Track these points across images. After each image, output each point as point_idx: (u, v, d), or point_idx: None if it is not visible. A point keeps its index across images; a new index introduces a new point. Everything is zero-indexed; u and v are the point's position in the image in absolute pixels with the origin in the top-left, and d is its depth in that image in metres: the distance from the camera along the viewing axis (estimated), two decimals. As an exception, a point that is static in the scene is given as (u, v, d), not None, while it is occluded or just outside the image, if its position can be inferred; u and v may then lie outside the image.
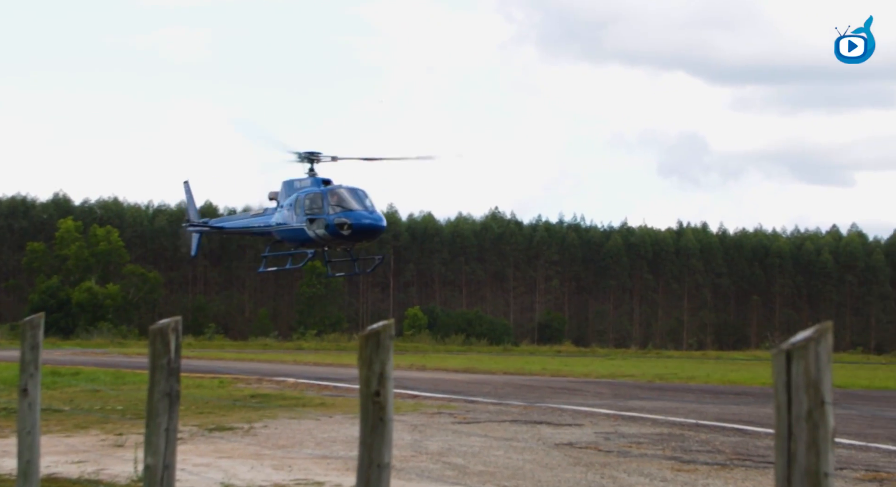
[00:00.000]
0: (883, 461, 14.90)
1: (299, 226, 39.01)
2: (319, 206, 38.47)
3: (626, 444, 16.05)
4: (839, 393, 32.67)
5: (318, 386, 28.29)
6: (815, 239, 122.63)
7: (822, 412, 4.02)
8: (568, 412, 21.49)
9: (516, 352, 79.88)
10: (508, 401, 24.11)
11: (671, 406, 23.76)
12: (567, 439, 16.58)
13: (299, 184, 40.00)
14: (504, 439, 16.29)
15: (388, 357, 5.79)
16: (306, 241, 39.35)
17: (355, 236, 38.41)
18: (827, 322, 4.37)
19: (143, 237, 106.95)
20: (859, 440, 17.35)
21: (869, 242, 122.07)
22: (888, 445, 16.87)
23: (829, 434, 4.04)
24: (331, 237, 38.41)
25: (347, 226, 37.73)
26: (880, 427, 20.23)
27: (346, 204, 38.23)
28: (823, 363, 4.13)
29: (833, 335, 4.31)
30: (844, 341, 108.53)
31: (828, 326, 4.31)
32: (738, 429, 18.68)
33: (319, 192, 38.79)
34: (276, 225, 40.37)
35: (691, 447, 15.86)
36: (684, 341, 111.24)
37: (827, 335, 4.24)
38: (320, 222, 38.24)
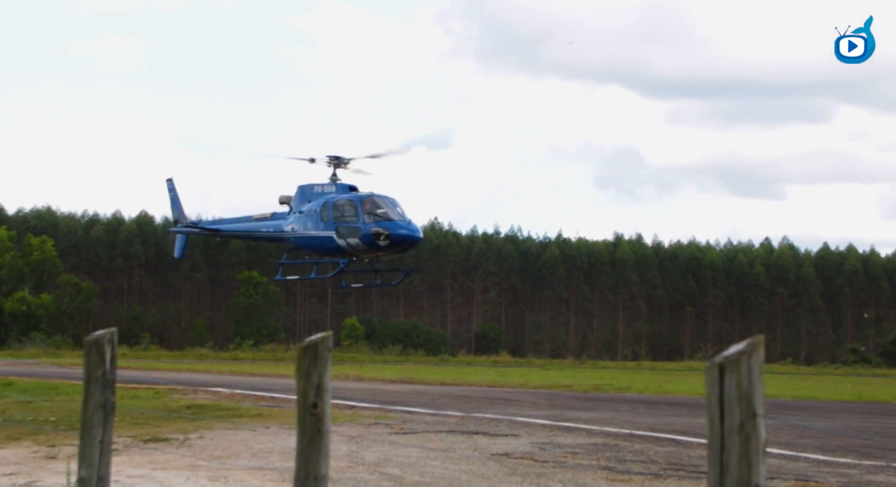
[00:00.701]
0: (812, 470, 15.14)
1: (326, 234, 37.10)
2: (353, 214, 36.63)
3: (561, 454, 16.15)
4: (770, 404, 33.13)
5: (254, 397, 28.11)
6: (748, 251, 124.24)
7: (753, 424, 4.10)
8: (504, 422, 21.56)
9: (453, 363, 79.94)
10: (445, 412, 24.13)
11: (606, 417, 23.94)
12: (503, 449, 16.65)
13: (321, 189, 38.04)
14: (441, 449, 16.32)
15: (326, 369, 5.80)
16: (334, 250, 37.46)
17: (391, 247, 36.76)
18: (758, 336, 4.46)
19: (77, 247, 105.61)
20: (790, 450, 17.62)
21: (799, 254, 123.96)
22: (817, 455, 17.14)
23: (760, 446, 4.12)
24: (365, 247, 36.70)
25: (385, 236, 36.15)
26: (810, 437, 20.55)
27: (383, 213, 36.54)
28: (755, 376, 4.21)
29: (764, 347, 4.40)
30: (775, 352, 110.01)
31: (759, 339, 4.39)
32: (672, 439, 18.87)
33: (352, 199, 36.92)
34: (292, 231, 38.39)
35: (625, 457, 16.00)
36: (619, 351, 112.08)
37: (758, 349, 4.32)
38: (354, 230, 36.49)
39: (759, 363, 4.31)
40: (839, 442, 19.71)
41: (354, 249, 36.96)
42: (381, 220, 36.28)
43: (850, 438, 20.96)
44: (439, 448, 16.56)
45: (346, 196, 37.28)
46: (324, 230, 37.22)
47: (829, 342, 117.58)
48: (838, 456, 16.93)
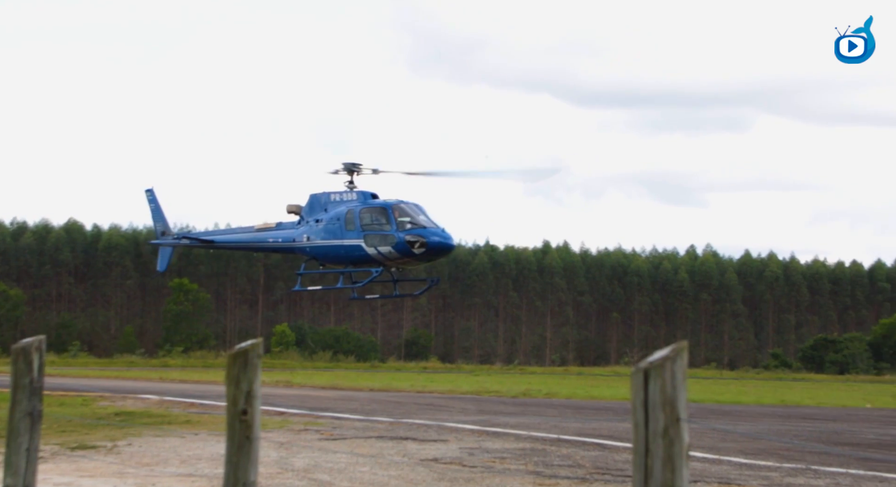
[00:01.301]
0: (734, 473, 15.42)
1: (354, 242, 35.63)
2: (385, 221, 35.32)
3: (489, 459, 16.25)
4: (694, 408, 33.61)
5: (183, 404, 27.88)
6: (673, 259, 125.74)
7: (677, 428, 4.21)
8: (433, 427, 21.63)
9: (383, 369, 79.87)
10: (375, 417, 24.15)
11: (534, 422, 24.12)
12: (432, 454, 16.72)
13: (339, 197, 36.82)
14: (370, 455, 16.34)
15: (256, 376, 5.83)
16: (362, 259, 35.93)
17: (426, 256, 35.35)
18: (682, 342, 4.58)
19: (5, 254, 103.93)
20: (713, 453, 17.91)
21: (722, 261, 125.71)
22: (739, 458, 17.45)
23: (683, 450, 4.23)
24: (398, 256, 35.21)
25: (420, 244, 34.70)
26: (732, 440, 20.91)
27: (415, 220, 35.27)
28: (679, 382, 4.32)
29: (688, 353, 4.51)
30: (699, 357, 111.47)
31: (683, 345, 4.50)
32: (599, 444, 19.09)
33: (383, 206, 35.65)
34: (308, 240, 36.82)
35: (553, 461, 16.16)
36: (547, 357, 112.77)
37: (682, 354, 4.43)
38: (386, 238, 35.07)
39: (683, 368, 4.41)
40: (760, 446, 20.07)
41: (386, 257, 35.48)
42: (415, 227, 35.05)
43: (771, 441, 21.36)
44: (369, 453, 16.58)
45: (374, 203, 36.02)
46: (350, 239, 35.82)
47: (751, 348, 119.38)
48: (759, 460, 17.25)
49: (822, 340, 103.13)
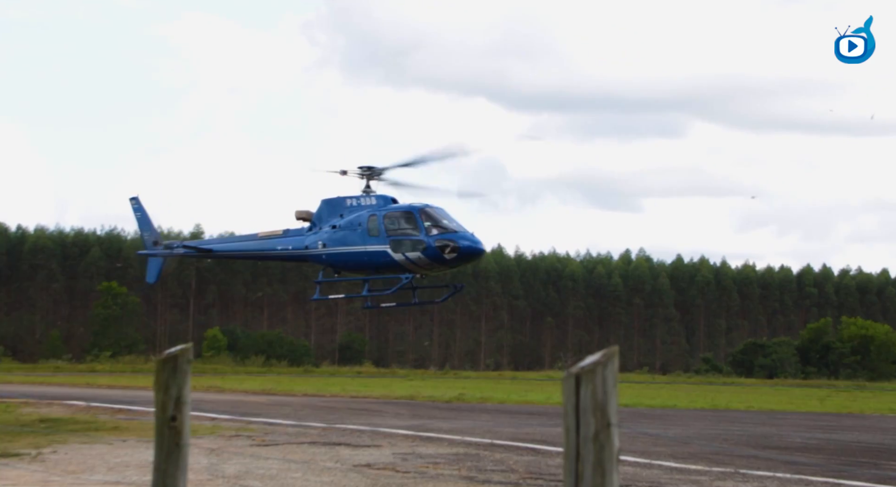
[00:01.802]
0: (665, 478, 15.55)
1: (379, 249, 34.24)
2: (412, 226, 34.01)
3: (423, 465, 16.23)
4: (626, 412, 33.89)
5: (111, 410, 27.50)
6: (606, 263, 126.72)
7: (608, 434, 4.21)
8: (367, 433, 21.56)
9: (317, 373, 79.51)
10: (308, 423, 24.01)
11: (468, 427, 24.14)
12: (365, 460, 16.65)
13: (356, 202, 35.50)
14: (303, 461, 16.23)
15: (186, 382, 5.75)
16: (387, 266, 34.62)
17: (457, 261, 34.12)
18: (613, 347, 4.59)
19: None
20: (644, 457, 18.05)
21: (655, 266, 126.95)
22: (670, 462, 17.60)
23: (614, 455, 4.24)
24: (428, 262, 33.93)
25: (451, 249, 33.47)
26: (663, 445, 21.08)
27: (444, 224, 34.08)
28: (610, 387, 4.33)
29: (621, 357, 4.52)
30: (632, 361, 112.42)
31: (614, 350, 4.51)
32: (532, 449, 19.15)
33: (409, 210, 34.42)
34: (324, 247, 35.32)
35: (486, 466, 16.17)
36: (482, 361, 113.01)
37: (613, 359, 4.44)
38: (415, 244, 33.78)
39: (614, 373, 4.42)
40: (691, 450, 20.27)
41: (414, 263, 34.15)
42: (445, 232, 33.83)
43: (702, 445, 21.58)
44: (301, 459, 16.47)
45: (398, 207, 34.75)
46: (374, 245, 34.37)
47: (682, 352, 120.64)
48: (690, 464, 17.41)
49: (751, 344, 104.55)
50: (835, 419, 35.90)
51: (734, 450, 20.67)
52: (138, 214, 40.11)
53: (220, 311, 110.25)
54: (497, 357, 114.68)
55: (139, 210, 40.07)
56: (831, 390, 71.61)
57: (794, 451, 21.32)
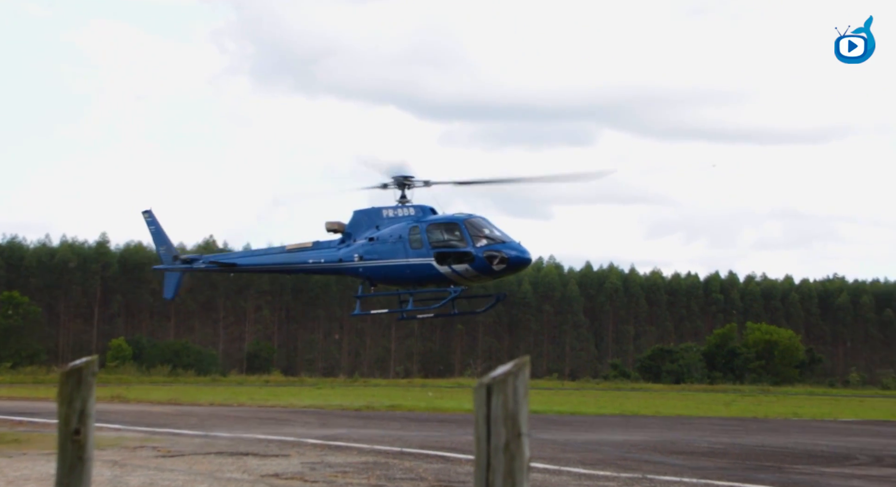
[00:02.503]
0: (574, 484, 15.65)
1: (423, 261, 33.14)
2: (458, 237, 33.01)
3: (331, 474, 16.12)
4: (536, 419, 34.09)
5: (11, 422, 26.86)
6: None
7: (518, 443, 4.21)
8: (275, 442, 21.36)
9: (224, 383, 78.66)
10: (214, 433, 23.71)
11: (377, 435, 24.06)
12: (273, 470, 16.48)
13: (394, 213, 34.57)
14: (209, 472, 16.01)
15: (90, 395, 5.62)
16: (432, 278, 33.62)
17: (505, 271, 33.42)
18: (524, 357, 4.58)
19: None
20: (553, 464, 18.16)
21: (564, 273, 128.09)
22: (579, 468, 17.73)
23: (524, 465, 4.24)
24: (475, 273, 33.07)
25: (500, 259, 32.52)
26: (572, 451, 21.24)
27: (490, 234, 33.16)
28: (521, 397, 4.32)
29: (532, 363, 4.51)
30: (541, 368, 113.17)
31: (525, 360, 4.51)
32: (441, 456, 19.14)
33: (454, 221, 33.44)
34: (361, 260, 34.10)
35: (395, 475, 16.12)
36: (391, 369, 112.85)
37: (524, 369, 4.44)
38: (462, 256, 32.79)
39: (525, 383, 4.42)
40: (600, 456, 20.45)
41: (461, 275, 33.27)
42: (492, 242, 32.90)
43: (610, 451, 21.78)
44: (207, 470, 16.24)
45: (441, 219, 33.84)
46: (418, 257, 33.26)
47: (591, 358, 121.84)
48: (598, 470, 17.56)
49: (658, 350, 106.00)
50: (740, 423, 36.54)
51: (642, 456, 20.90)
52: (152, 227, 38.44)
53: (126, 320, 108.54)
54: (407, 365, 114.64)
55: (153, 224, 38.39)
56: (737, 394, 72.89)
57: (700, 456, 21.63)
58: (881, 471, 19.45)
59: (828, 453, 23.27)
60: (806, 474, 18.53)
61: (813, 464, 20.34)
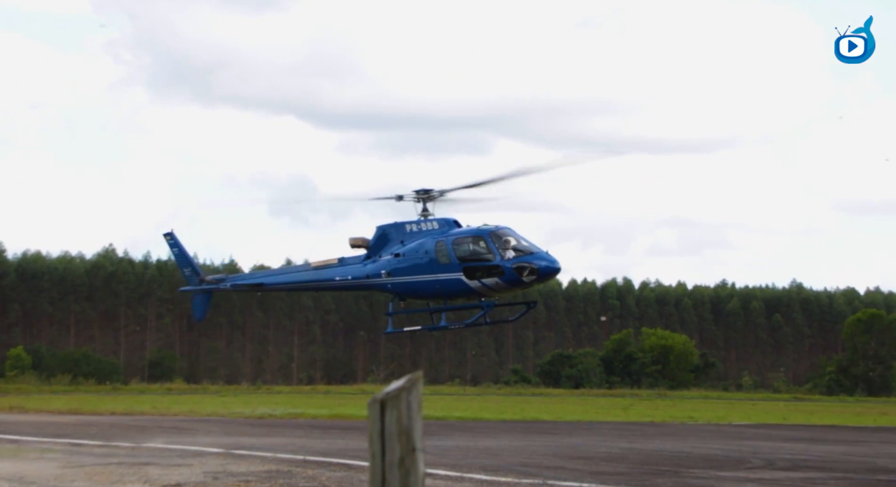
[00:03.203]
0: (476, 490, 15.90)
1: (452, 276, 32.85)
2: (486, 250, 32.73)
3: (234, 482, 16.14)
4: (437, 425, 34.32)
5: None
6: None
7: (413, 458, 4.39)
8: (176, 452, 21.25)
9: (125, 391, 77.49)
10: (115, 443, 23.48)
11: (280, 443, 24.05)
12: (175, 479, 16.44)
13: (417, 227, 34.11)
14: (109, 483, 15.92)
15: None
16: (462, 292, 33.39)
17: (535, 282, 33.06)
18: (417, 372, 4.78)
19: None
20: (455, 471, 18.38)
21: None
22: (481, 475, 17.98)
23: (419, 479, 4.42)
24: (505, 286, 32.83)
25: (529, 271, 32.21)
26: (474, 457, 21.50)
27: (517, 246, 32.87)
28: (414, 412, 4.51)
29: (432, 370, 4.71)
30: (443, 374, 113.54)
31: (418, 376, 4.71)
32: (344, 464, 19.25)
33: (479, 234, 33.09)
34: (389, 276, 33.76)
35: (298, 483, 16.20)
36: (295, 376, 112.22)
37: (417, 385, 4.63)
38: (492, 269, 32.46)
39: (418, 398, 4.60)
40: (501, 462, 20.74)
41: (491, 289, 33.01)
42: (521, 254, 32.63)
43: (511, 457, 22.09)
44: (108, 481, 16.15)
45: (466, 232, 33.48)
46: (446, 273, 33.01)
47: (492, 364, 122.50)
48: (499, 476, 17.83)
49: (558, 356, 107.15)
50: (638, 428, 37.21)
51: (542, 461, 21.25)
52: (175, 250, 37.71)
53: (24, 329, 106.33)
54: (310, 372, 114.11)
55: (175, 246, 37.61)
56: (634, 399, 74.04)
57: (599, 461, 22.05)
58: (773, 474, 20.06)
59: (722, 457, 23.89)
60: (702, 478, 19.03)
61: (708, 468, 20.87)
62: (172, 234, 37.60)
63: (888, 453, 26.98)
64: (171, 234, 37.65)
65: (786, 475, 20.03)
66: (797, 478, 19.40)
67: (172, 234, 37.60)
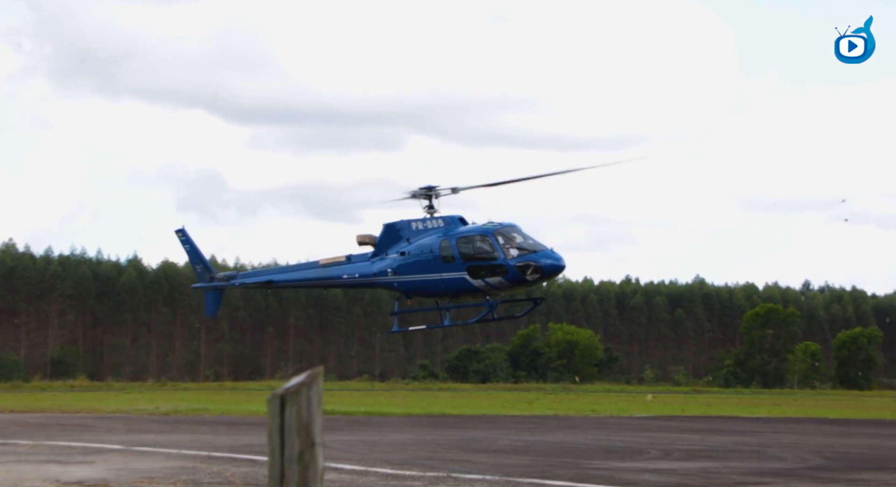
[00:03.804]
0: (381, 484, 16.04)
1: (456, 275, 32.68)
2: (489, 249, 32.55)
3: (137, 480, 16.06)
4: (344, 420, 34.40)
5: None
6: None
7: (312, 453, 4.50)
8: (78, 449, 21.04)
9: (27, 389, 76.04)
10: (15, 440, 23.16)
11: (185, 439, 23.93)
12: (76, 477, 16.31)
13: (422, 225, 33.83)
14: (9, 481, 15.74)
15: None
16: (466, 291, 33.28)
17: (539, 280, 33.08)
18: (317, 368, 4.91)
19: None
20: (361, 465, 18.52)
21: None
22: (386, 469, 18.14)
23: (318, 474, 4.54)
24: (509, 284, 32.73)
25: (533, 270, 32.08)
26: (380, 451, 21.65)
27: (522, 244, 32.64)
28: (314, 407, 4.62)
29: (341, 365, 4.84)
30: (352, 369, 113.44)
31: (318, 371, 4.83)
32: (250, 460, 19.25)
33: (483, 232, 32.88)
34: (395, 274, 33.63)
35: (202, 479, 16.18)
36: (201, 372, 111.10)
37: (318, 380, 4.76)
38: (496, 268, 32.30)
39: (318, 394, 4.72)
40: (406, 456, 20.92)
41: (495, 288, 33.00)
42: (524, 252, 32.49)
43: (417, 451, 22.29)
44: (7, 479, 15.96)
45: (470, 231, 33.30)
46: (450, 272, 32.92)
47: (401, 359, 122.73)
48: (405, 470, 18.00)
49: (465, 351, 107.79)
50: (541, 421, 37.71)
51: (447, 455, 21.47)
52: (187, 246, 37.35)
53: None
54: (217, 368, 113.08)
55: (187, 242, 37.30)
56: (540, 393, 74.84)
57: (503, 453, 22.36)
58: (670, 464, 20.56)
59: (622, 448, 24.38)
60: (601, 469, 19.42)
61: (608, 459, 21.30)
62: (184, 230, 37.35)
63: (779, 442, 27.80)
64: (182, 230, 37.37)
65: (681, 464, 20.55)
66: (692, 468, 19.92)
67: (184, 230, 37.35)
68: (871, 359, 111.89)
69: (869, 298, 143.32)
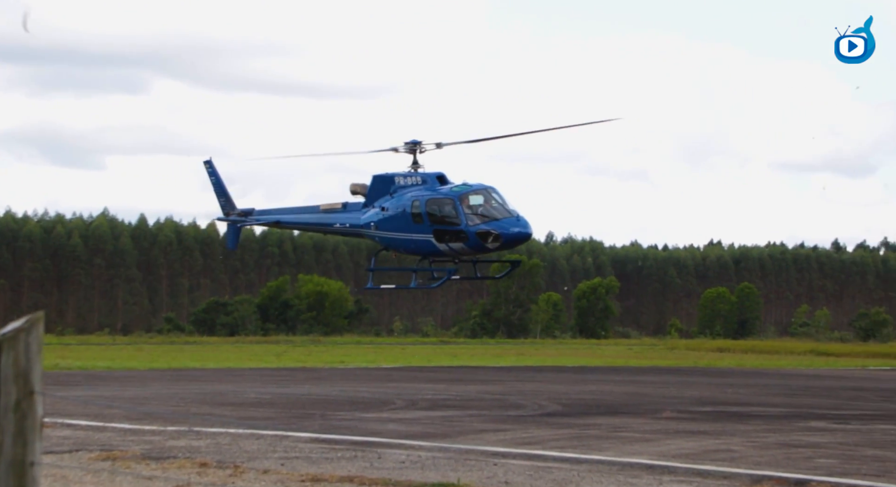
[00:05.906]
0: (118, 440, 15.50)
1: (423, 237, 32.56)
2: (452, 215, 32.07)
3: None
4: (82, 375, 33.23)
5: None
6: (66, 223, 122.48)
7: (30, 401, 4.17)
8: None
9: None
10: None
11: None
12: None
13: (403, 181, 33.21)
14: None
15: None
16: (433, 253, 33.05)
17: (501, 248, 32.50)
18: (38, 313, 4.53)
19: None
20: (97, 421, 17.86)
21: (118, 225, 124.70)
22: (125, 424, 17.57)
23: (37, 423, 4.21)
24: (470, 251, 32.31)
25: (493, 237, 31.52)
26: (118, 407, 20.96)
27: (487, 210, 31.95)
28: (34, 354, 4.28)
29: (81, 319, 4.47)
30: (92, 323, 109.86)
31: (38, 316, 4.47)
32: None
33: (449, 196, 32.23)
34: (375, 229, 33.38)
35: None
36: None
37: (38, 325, 4.39)
38: (457, 234, 31.87)
39: (38, 340, 4.38)
40: (146, 410, 20.35)
41: (458, 253, 32.66)
42: (486, 219, 31.91)
43: (158, 406, 21.72)
44: None
45: (440, 193, 32.69)
46: (419, 233, 32.76)
47: (145, 312, 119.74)
48: (144, 424, 17.47)
49: (213, 303, 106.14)
50: (289, 373, 37.58)
51: (190, 408, 21.03)
52: (213, 178, 37.08)
53: None
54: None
55: (213, 175, 37.07)
56: (289, 345, 74.64)
57: (248, 406, 22.10)
58: (414, 414, 20.85)
59: (368, 399, 24.57)
60: (347, 419, 19.48)
61: (354, 410, 21.41)
62: (211, 162, 37.51)
63: (520, 390, 28.73)
64: (209, 162, 37.54)
65: (425, 414, 20.88)
66: (436, 416, 20.27)
67: (211, 162, 37.51)
68: (608, 309, 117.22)
69: (606, 249, 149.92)
